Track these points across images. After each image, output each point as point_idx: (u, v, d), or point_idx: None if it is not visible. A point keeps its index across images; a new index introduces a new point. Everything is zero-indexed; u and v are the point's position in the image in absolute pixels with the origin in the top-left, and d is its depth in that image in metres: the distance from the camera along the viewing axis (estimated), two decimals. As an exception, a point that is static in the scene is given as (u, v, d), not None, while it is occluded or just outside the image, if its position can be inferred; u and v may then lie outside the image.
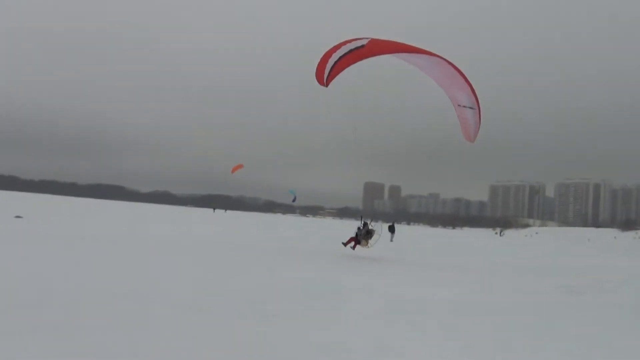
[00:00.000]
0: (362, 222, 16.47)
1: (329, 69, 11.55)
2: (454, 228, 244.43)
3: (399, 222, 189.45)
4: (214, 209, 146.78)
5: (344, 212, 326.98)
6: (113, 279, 12.62)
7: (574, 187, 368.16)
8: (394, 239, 48.05)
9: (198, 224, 51.32)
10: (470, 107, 12.16)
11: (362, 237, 16.21)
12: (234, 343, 7.85)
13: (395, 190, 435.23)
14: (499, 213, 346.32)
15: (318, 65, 11.90)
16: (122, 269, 14.66)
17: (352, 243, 17.68)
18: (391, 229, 49.43)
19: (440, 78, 12.07)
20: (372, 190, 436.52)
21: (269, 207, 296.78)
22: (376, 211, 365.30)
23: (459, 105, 12.51)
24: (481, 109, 12.07)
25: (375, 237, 17.19)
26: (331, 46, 11.87)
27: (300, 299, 11.92)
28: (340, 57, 11.31)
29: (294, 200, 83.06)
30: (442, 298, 14.05)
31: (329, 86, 11.79)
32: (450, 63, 11.65)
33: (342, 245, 19.78)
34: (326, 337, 8.68)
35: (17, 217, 33.81)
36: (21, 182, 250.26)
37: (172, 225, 43.64)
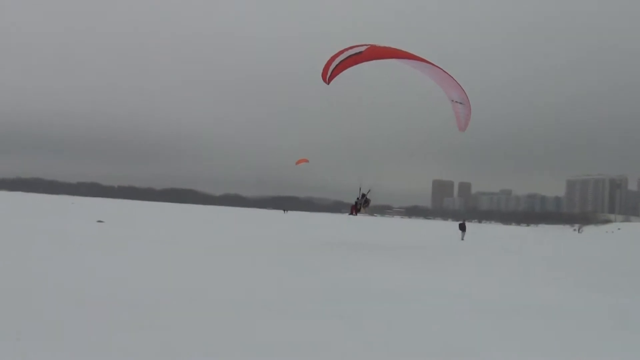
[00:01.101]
0: (361, 194, 17.54)
1: (331, 70, 13.39)
2: (528, 225, 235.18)
3: (470, 220, 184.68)
4: (285, 210, 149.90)
5: (412, 211, 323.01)
6: (192, 280, 13.04)
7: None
8: (464, 238, 46.92)
9: (270, 225, 52.24)
10: (461, 103, 13.88)
11: (362, 205, 17.44)
12: (314, 347, 7.89)
13: (465, 187, 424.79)
14: (576, 209, 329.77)
15: (324, 67, 13.61)
16: (201, 270, 15.14)
17: (353, 211, 19.17)
18: (462, 227, 48.30)
19: (435, 78, 13.55)
20: (440, 187, 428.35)
21: (337, 207, 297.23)
22: (445, 209, 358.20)
23: (452, 101, 14.06)
24: (470, 105, 13.63)
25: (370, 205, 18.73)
26: (336, 51, 13.58)
27: (370, 300, 11.84)
28: (341, 61, 13.14)
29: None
30: (532, 300, 13.53)
31: (330, 84, 13.58)
32: (438, 67, 13.11)
33: (348, 215, 20.87)
34: (407, 344, 8.55)
35: (99, 221, 35.78)
36: (103, 189, 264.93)
37: (246, 227, 44.67)
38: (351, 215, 19.67)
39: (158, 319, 8.78)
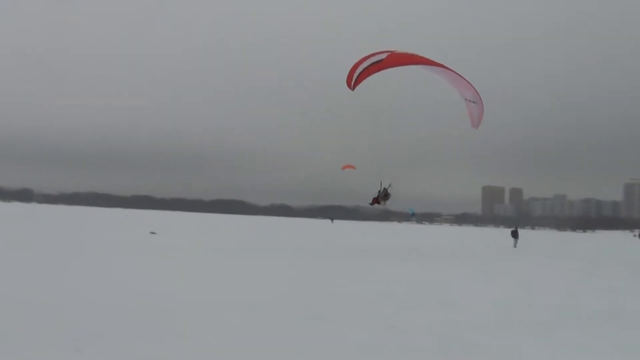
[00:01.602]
0: (382, 187, 17.94)
1: (355, 77, 14.35)
2: (584, 231, 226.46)
3: (522, 226, 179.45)
4: (332, 220, 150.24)
5: (462, 219, 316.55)
6: (239, 289, 13.21)
7: None
8: (517, 245, 45.62)
9: (319, 234, 52.33)
10: (474, 102, 14.93)
11: (381, 198, 17.77)
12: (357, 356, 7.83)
13: (516, 193, 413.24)
14: (635, 213, 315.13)
15: (348, 73, 14.65)
16: (248, 279, 15.32)
17: (374, 202, 19.71)
18: (514, 234, 46.94)
19: (450, 80, 14.61)
20: (491, 194, 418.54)
21: (385, 215, 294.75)
22: (496, 216, 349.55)
23: (466, 100, 15.11)
24: (483, 103, 14.82)
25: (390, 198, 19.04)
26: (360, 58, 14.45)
27: (422, 309, 11.66)
28: (364, 69, 14.08)
29: (412, 216, 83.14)
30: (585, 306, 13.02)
31: (355, 90, 14.56)
32: (451, 70, 14.23)
33: (370, 205, 21.38)
34: (459, 356, 8.37)
35: (152, 233, 36.76)
36: (155, 201, 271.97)
37: (293, 236, 44.91)
38: (372, 205, 20.76)
39: (206, 328, 8.90)
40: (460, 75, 14.38)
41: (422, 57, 14.21)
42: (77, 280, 13.40)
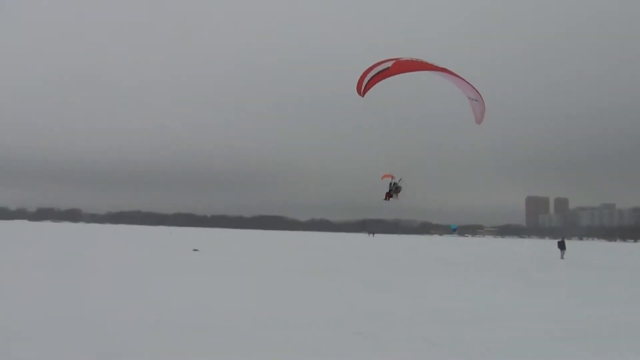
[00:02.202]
0: (393, 182, 19.58)
1: (364, 84, 15.05)
2: (635, 241, 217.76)
3: (569, 237, 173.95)
4: (373, 234, 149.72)
5: (505, 230, 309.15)
6: (283, 306, 13.23)
7: None
8: (565, 256, 44.24)
9: (360, 248, 52.08)
10: (476, 100, 16.09)
11: (393, 191, 19.28)
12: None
13: (561, 202, 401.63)
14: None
15: (357, 81, 15.35)
16: (291, 295, 15.35)
17: (387, 197, 19.61)
18: (561, 246, 45.54)
19: (453, 82, 15.64)
20: (535, 204, 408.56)
21: (425, 228, 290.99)
22: (541, 227, 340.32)
23: (469, 98, 16.22)
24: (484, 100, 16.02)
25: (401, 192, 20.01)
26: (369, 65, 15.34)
27: (466, 324, 11.42)
28: (372, 77, 14.87)
29: (454, 231, 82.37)
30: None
31: (365, 96, 15.22)
32: (453, 73, 15.17)
33: (384, 200, 21.29)
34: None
35: (195, 250, 37.35)
36: (197, 218, 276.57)
37: (333, 251, 44.84)
38: (386, 200, 21.03)
39: (250, 343, 8.94)
40: (461, 78, 15.55)
41: (426, 63, 15.13)
42: (121, 297, 13.70)
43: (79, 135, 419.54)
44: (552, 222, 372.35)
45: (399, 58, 14.98)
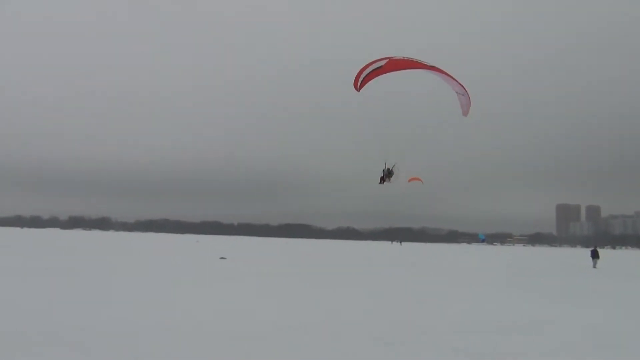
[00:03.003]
0: (386, 167, 20.33)
1: (360, 80, 16.20)
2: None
3: (602, 246, 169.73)
4: (400, 242, 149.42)
5: (535, 239, 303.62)
6: (311, 314, 13.18)
7: None
8: (597, 265, 43.16)
9: (388, 257, 51.72)
10: (462, 94, 17.28)
11: (386, 176, 20.29)
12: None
13: (593, 210, 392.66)
14: None
15: (354, 78, 16.46)
16: (318, 303, 15.28)
17: (382, 181, 21.59)
18: (594, 254, 44.45)
19: (443, 79, 16.80)
20: (565, 212, 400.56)
21: (452, 237, 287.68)
22: (572, 235, 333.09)
23: (457, 93, 17.40)
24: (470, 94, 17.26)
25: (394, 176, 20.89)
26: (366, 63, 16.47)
27: (500, 333, 11.19)
28: (367, 75, 15.99)
29: (482, 241, 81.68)
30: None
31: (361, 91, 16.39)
32: (442, 70, 16.36)
33: (379, 184, 22.03)
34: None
35: (222, 258, 37.59)
36: (224, 227, 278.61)
37: (360, 259, 44.62)
38: (381, 184, 21.77)
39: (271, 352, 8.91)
40: (449, 75, 16.75)
41: (417, 62, 16.08)
42: (150, 306, 13.82)
43: (109, 146, 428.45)
44: (584, 230, 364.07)
45: (393, 57, 15.96)
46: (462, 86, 17.04)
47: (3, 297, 14.29)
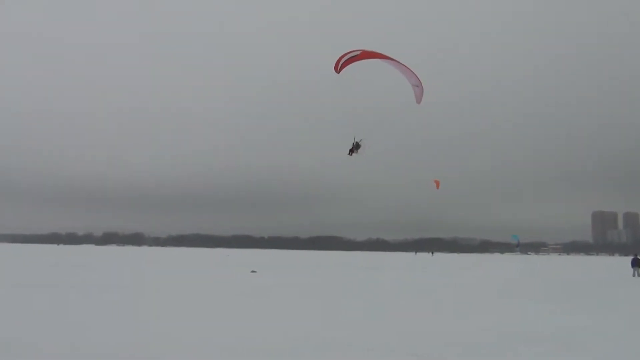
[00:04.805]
0: (355, 140, 22.48)
1: (340, 65, 18.84)
2: None
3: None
4: (432, 253, 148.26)
5: (571, 247, 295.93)
6: (344, 329, 13.00)
7: None
8: (638, 274, 41.72)
9: (425, 270, 51.08)
10: (417, 86, 20.03)
11: (355, 148, 22.59)
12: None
13: (632, 217, 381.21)
14: None
15: (334, 64, 19.04)
16: (350, 318, 15.10)
17: (350, 153, 23.57)
18: (635, 263, 43.00)
19: (401, 70, 19.75)
20: (602, 219, 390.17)
21: (485, 247, 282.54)
22: (610, 243, 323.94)
23: (412, 85, 20.16)
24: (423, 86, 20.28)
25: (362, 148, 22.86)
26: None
27: (539, 346, 10.83)
28: (346, 60, 18.78)
29: (517, 246, 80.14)
30: None
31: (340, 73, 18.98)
32: (401, 63, 19.45)
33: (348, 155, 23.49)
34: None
35: (253, 271, 37.66)
36: (254, 240, 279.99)
37: (392, 271, 44.12)
38: (349, 155, 23.80)
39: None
40: (406, 66, 19.51)
41: (382, 54, 19.24)
42: (182, 321, 13.85)
43: (140, 162, 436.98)
44: (622, 238, 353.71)
45: (364, 49, 19.24)
46: (417, 78, 19.85)
47: (63, 313, 14.53)
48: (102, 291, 20.68)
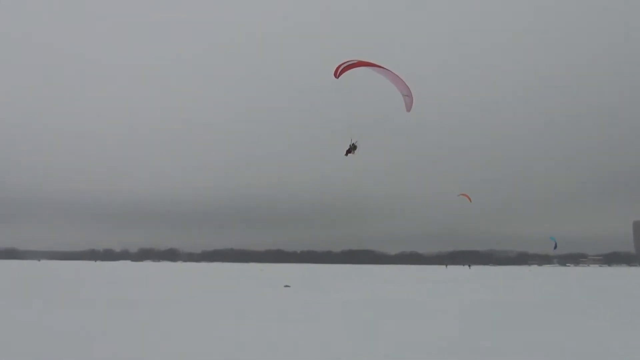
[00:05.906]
0: (352, 142, 23.71)
1: (339, 71, 20.37)
2: None
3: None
4: (469, 266, 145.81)
5: (611, 258, 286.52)
6: (379, 344, 12.79)
7: None
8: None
9: (457, 283, 50.19)
10: (407, 95, 21.10)
11: (352, 148, 23.72)
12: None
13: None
14: None
15: (334, 71, 20.59)
16: (385, 334, 14.85)
17: (347, 154, 24.44)
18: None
19: (394, 80, 20.93)
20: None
21: (522, 259, 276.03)
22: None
23: (402, 95, 21.19)
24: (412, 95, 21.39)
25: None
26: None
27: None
28: (344, 67, 20.35)
29: (555, 248, 78.27)
30: None
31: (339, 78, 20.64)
32: (393, 72, 20.67)
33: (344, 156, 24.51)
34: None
35: (286, 286, 37.60)
36: (287, 255, 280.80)
37: (424, 283, 43.47)
38: (345, 155, 25.07)
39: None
40: (400, 78, 20.68)
41: (377, 65, 20.65)
42: (218, 336, 13.83)
43: (173, 178, 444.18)
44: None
45: (361, 60, 20.86)
46: (407, 87, 21.09)
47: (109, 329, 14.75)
48: (161, 307, 21.12)
